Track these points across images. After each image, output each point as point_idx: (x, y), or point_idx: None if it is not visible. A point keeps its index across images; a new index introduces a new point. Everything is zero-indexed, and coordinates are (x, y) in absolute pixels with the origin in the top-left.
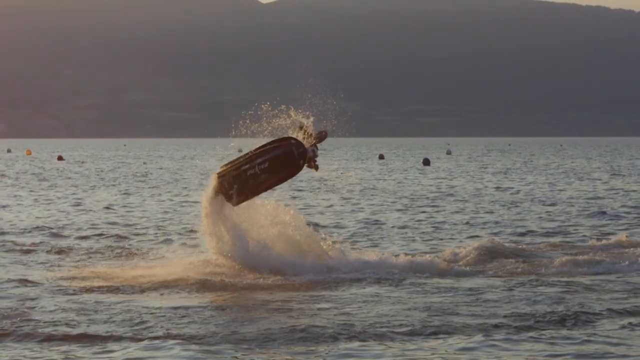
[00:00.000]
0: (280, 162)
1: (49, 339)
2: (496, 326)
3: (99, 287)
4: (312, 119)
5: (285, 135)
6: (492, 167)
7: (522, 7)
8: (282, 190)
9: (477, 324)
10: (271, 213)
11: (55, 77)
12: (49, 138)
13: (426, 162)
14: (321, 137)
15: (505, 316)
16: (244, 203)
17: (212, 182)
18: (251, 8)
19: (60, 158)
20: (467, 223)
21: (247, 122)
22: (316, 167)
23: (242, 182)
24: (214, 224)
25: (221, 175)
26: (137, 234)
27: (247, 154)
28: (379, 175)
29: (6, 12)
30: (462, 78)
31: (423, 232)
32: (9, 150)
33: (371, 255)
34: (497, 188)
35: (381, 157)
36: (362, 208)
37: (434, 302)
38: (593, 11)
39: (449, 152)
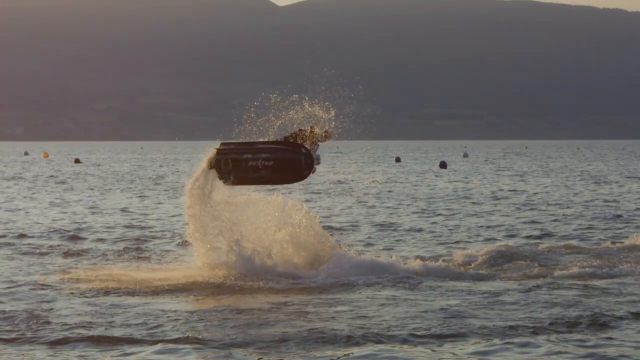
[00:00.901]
0: (286, 166)
1: (65, 341)
2: (513, 329)
3: (115, 289)
4: (332, 112)
5: (299, 131)
6: (509, 170)
7: (540, 10)
8: (295, 191)
9: (494, 327)
10: (279, 211)
11: (73, 80)
12: (66, 141)
13: (443, 165)
14: (326, 137)
15: (521, 319)
16: (241, 197)
17: (209, 154)
18: (268, 11)
19: (77, 161)
20: (483, 226)
21: (252, 115)
22: (313, 170)
23: (240, 169)
24: (200, 204)
25: (220, 152)
26: (154, 237)
27: (254, 143)
28: (395, 177)
29: (24, 15)
30: (480, 81)
31: (439, 235)
32: (26, 153)
33: (386, 258)
34: (513, 191)
35: (398, 159)
36: (378, 211)
37: (450, 305)
38: (610, 13)
39: (465, 155)
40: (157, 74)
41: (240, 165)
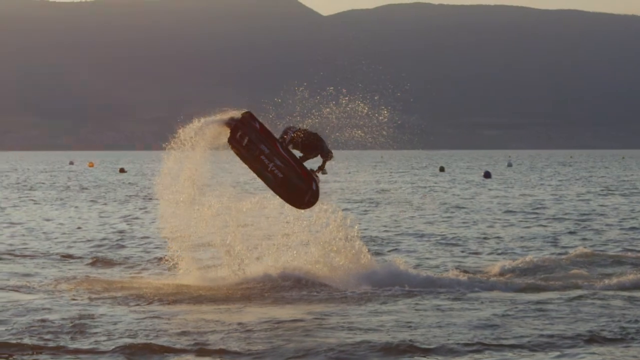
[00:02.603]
0: (290, 189)
1: (109, 351)
2: (558, 340)
3: (157, 298)
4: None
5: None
6: (553, 179)
7: (585, 19)
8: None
9: (539, 337)
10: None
11: (118, 90)
12: (112, 150)
13: (487, 174)
14: (328, 158)
15: (566, 330)
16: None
17: (235, 113)
18: (312, 20)
19: (122, 170)
20: (523, 236)
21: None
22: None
23: (250, 153)
24: (191, 152)
25: (244, 122)
26: (196, 245)
27: (277, 141)
28: (439, 187)
29: (71, 25)
30: (524, 90)
31: (480, 245)
32: (71, 163)
33: (428, 270)
34: (557, 200)
35: (442, 169)
36: (419, 220)
37: (495, 314)
38: None
39: (509, 165)
40: (201, 83)
41: (253, 151)
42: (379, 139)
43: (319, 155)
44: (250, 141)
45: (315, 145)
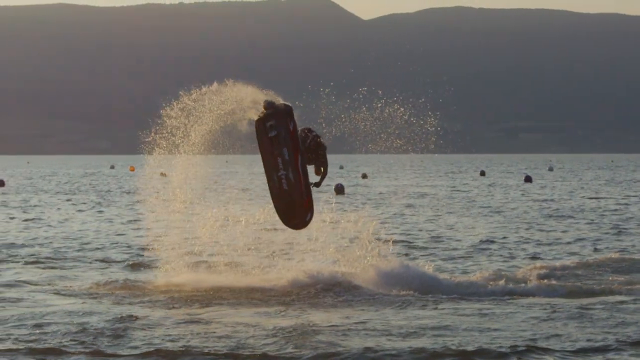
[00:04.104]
0: (286, 205)
1: (147, 354)
2: (601, 343)
3: (195, 302)
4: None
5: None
6: (594, 183)
7: (627, 21)
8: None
9: (582, 341)
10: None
11: (159, 94)
12: (153, 154)
13: (528, 179)
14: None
15: (609, 334)
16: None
17: (277, 100)
18: (353, 24)
19: (163, 174)
20: (564, 240)
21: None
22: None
23: (270, 147)
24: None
25: (279, 116)
26: (238, 248)
27: (299, 156)
28: (479, 191)
29: (113, 30)
30: (565, 94)
31: (520, 249)
32: (112, 167)
33: (467, 275)
34: (597, 204)
35: (482, 173)
36: (460, 224)
37: (536, 319)
38: None
39: (550, 169)
40: None
41: (274, 148)
42: (419, 144)
43: (317, 169)
44: (276, 138)
45: (320, 158)
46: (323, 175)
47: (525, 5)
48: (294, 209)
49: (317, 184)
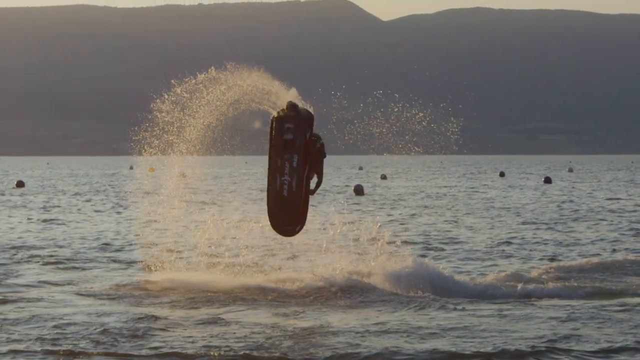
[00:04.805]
0: (281, 211)
1: (164, 355)
2: (622, 347)
3: (214, 302)
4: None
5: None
6: (613, 184)
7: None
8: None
9: (602, 342)
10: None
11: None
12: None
13: (548, 180)
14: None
15: (629, 336)
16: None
17: (301, 105)
18: (373, 25)
19: (182, 175)
20: (584, 241)
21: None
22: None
23: (277, 150)
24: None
25: (299, 120)
26: (255, 249)
27: (307, 167)
28: (498, 192)
29: (133, 34)
30: (584, 95)
31: (541, 251)
32: (131, 167)
33: (486, 276)
34: (617, 205)
35: (502, 174)
36: (481, 225)
37: (556, 320)
38: None
39: (570, 170)
40: None
41: (284, 151)
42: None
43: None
44: (291, 142)
45: (318, 166)
46: (318, 184)
47: (544, 5)
48: (288, 217)
49: (312, 192)
